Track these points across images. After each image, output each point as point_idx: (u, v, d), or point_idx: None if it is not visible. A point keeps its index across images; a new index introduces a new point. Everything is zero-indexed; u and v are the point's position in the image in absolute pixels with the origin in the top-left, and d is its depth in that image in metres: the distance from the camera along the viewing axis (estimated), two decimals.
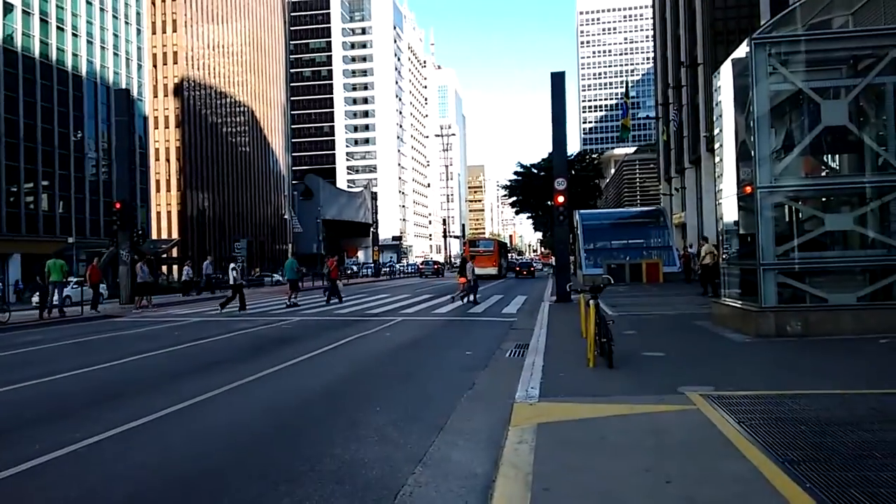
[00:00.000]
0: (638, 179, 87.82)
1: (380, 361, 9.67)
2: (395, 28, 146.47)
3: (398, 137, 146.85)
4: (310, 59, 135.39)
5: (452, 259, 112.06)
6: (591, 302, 7.70)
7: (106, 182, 57.31)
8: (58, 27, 53.51)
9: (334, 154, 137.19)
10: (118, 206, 24.08)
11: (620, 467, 4.08)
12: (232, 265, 21.43)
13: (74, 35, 55.49)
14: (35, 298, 21.74)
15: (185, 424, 5.95)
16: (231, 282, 20.56)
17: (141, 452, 5.05)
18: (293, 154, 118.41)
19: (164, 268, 54.24)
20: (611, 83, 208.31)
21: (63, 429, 5.69)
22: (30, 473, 4.56)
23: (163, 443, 5.34)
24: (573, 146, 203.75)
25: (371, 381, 8.05)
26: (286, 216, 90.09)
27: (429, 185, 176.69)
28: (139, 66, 64.66)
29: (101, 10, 59.12)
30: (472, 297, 19.74)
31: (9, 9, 48.83)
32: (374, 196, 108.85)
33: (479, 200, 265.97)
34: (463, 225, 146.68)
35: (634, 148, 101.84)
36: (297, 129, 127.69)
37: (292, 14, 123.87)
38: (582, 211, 37.49)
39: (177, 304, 24.67)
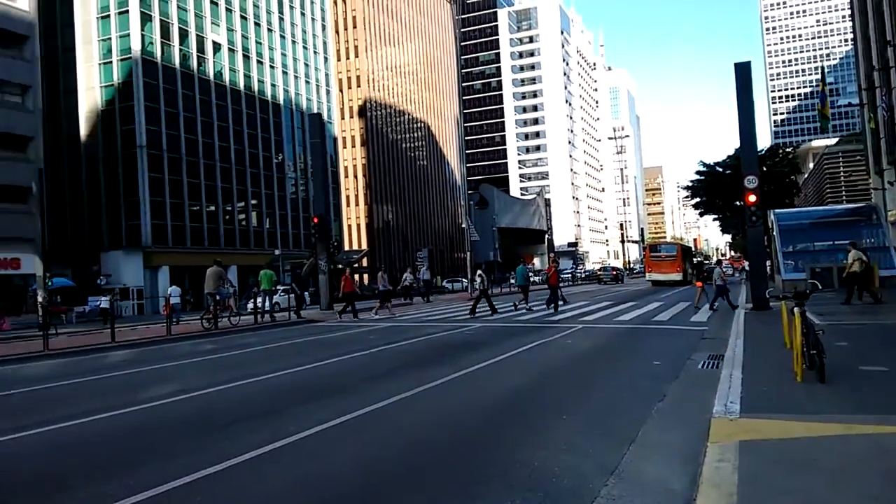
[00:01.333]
0: (842, 173, 78.92)
1: (562, 369, 9.61)
2: (562, 33, 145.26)
3: (569, 143, 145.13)
4: (480, 71, 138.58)
5: (631, 264, 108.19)
6: (797, 310, 7.07)
7: (304, 199, 63.03)
8: (258, 61, 59.92)
9: (506, 163, 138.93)
10: (315, 220, 26.34)
11: (840, 494, 3.69)
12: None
13: (272, 67, 61.80)
14: (250, 305, 24.36)
15: (378, 424, 6.35)
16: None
17: (341, 448, 5.49)
18: (467, 165, 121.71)
19: (356, 277, 58.47)
20: (803, 70, 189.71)
21: (277, 423, 6.34)
22: (259, 460, 5.11)
23: (360, 440, 5.74)
24: (763, 141, 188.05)
25: (554, 389, 8.03)
26: (463, 225, 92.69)
27: (603, 190, 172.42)
28: (328, 92, 70.36)
29: (293, 42, 65.24)
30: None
31: (217, 48, 55.59)
32: (547, 203, 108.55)
33: (658, 203, 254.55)
34: (641, 229, 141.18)
35: (836, 139, 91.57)
36: (470, 141, 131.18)
37: (462, 30, 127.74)
38: (778, 210, 34.40)
39: (369, 309, 26.38)
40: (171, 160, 50.11)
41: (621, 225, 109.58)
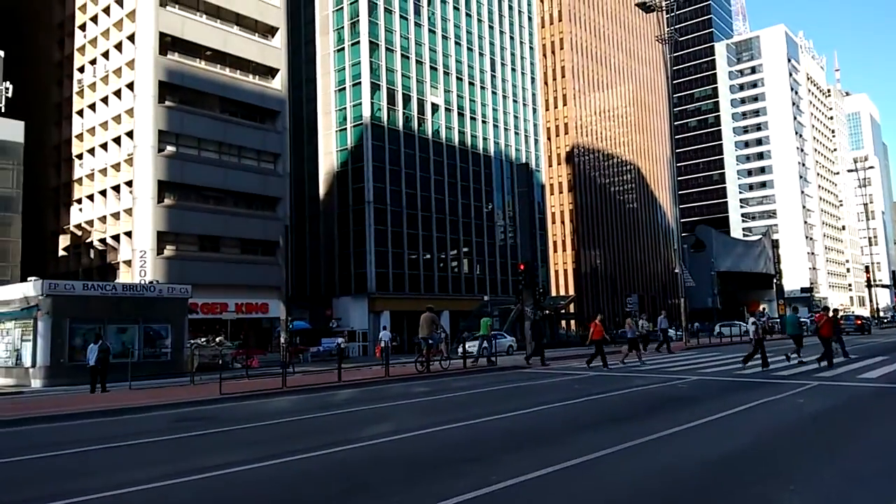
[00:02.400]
0: None
1: (791, 433, 8.56)
2: (789, 61, 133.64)
3: (801, 177, 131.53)
4: (695, 108, 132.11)
5: (881, 312, 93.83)
6: None
7: (512, 246, 64.44)
8: (471, 117, 63.25)
9: (725, 202, 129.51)
10: (522, 266, 26.76)
11: None
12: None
13: (484, 122, 64.83)
14: (460, 349, 25.21)
15: (580, 479, 6.14)
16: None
17: (541, 500, 5.40)
18: (681, 206, 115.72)
19: (563, 323, 58.10)
20: None
21: (481, 469, 6.43)
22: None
23: (562, 492, 5.60)
24: None
25: (780, 455, 7.17)
26: (676, 270, 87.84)
27: (843, 228, 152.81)
28: (536, 141, 71.90)
29: (504, 97, 67.94)
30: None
31: (435, 108, 59.74)
32: (774, 244, 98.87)
33: None
34: (893, 272, 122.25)
35: None
36: (684, 181, 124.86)
37: (675, 68, 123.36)
38: None
39: (574, 357, 25.95)
40: (394, 213, 54.44)
41: (867, 268, 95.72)
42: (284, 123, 47.26)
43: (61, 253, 47.08)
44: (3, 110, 37.56)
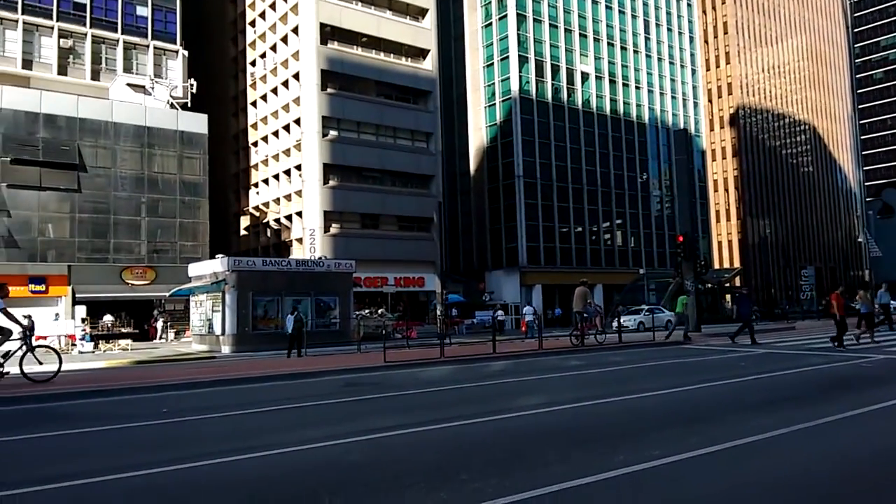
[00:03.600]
0: None
1: None
2: None
3: None
4: (880, 58, 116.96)
5: None
6: None
7: (669, 216, 61.60)
8: (623, 84, 60.82)
9: None
10: (680, 238, 25.58)
11: None
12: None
13: (637, 88, 62.07)
14: (615, 324, 24.78)
15: (747, 460, 5.93)
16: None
17: (706, 478, 5.30)
18: (865, 168, 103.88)
19: (728, 297, 54.68)
20: None
21: (638, 445, 6.42)
22: (619, 480, 5.29)
23: (728, 472, 5.46)
24: None
25: None
26: (860, 239, 79.20)
27: None
28: (695, 104, 67.66)
29: (659, 59, 64.50)
30: None
31: (585, 77, 58.10)
32: None
33: None
34: None
35: None
36: (867, 140, 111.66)
37: (855, 14, 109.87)
38: None
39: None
40: (544, 187, 54.06)
41: None
42: (435, 103, 48.43)
43: (243, 232, 52.08)
44: (189, 105, 41.91)
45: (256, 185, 50.07)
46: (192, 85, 42.32)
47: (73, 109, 35.86)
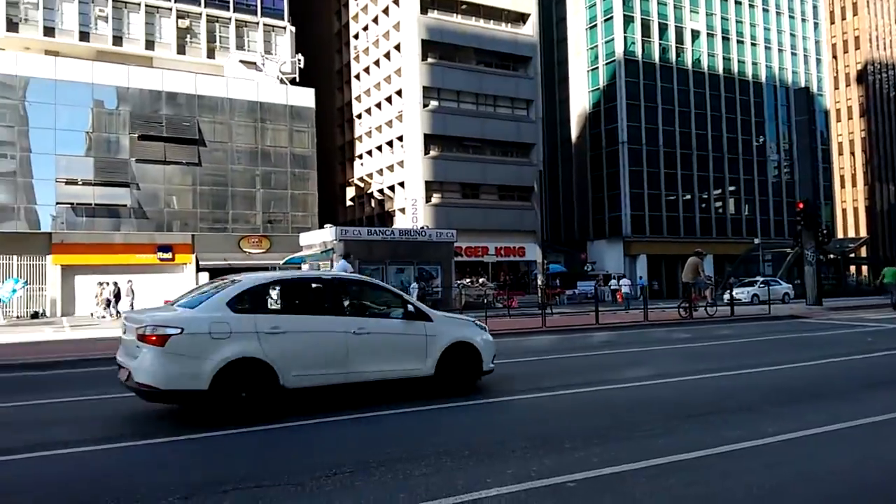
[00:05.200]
0: None
1: None
2: None
3: None
4: None
5: None
6: None
7: (788, 183, 57.77)
8: (737, 41, 57.06)
9: None
10: (800, 205, 24.05)
11: None
12: None
13: (753, 45, 58.06)
14: (726, 296, 23.74)
15: (877, 438, 5.60)
16: None
17: (829, 456, 5.07)
18: None
19: (853, 269, 50.87)
20: None
21: (753, 420, 6.20)
22: (734, 454, 5.15)
23: (854, 451, 5.19)
24: None
25: None
26: None
27: None
28: (818, 61, 62.53)
29: (778, 13, 59.91)
30: None
31: (695, 35, 54.97)
32: None
33: None
34: None
35: None
36: None
37: None
38: None
39: (866, 307, 22.82)
40: (649, 153, 52.05)
41: None
42: (536, 69, 47.51)
43: (348, 202, 53.78)
44: (297, 80, 43.41)
45: (361, 156, 51.38)
46: (299, 60, 43.73)
47: (192, 87, 38.04)
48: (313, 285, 7.83)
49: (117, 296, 28.24)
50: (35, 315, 32.51)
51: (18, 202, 33.84)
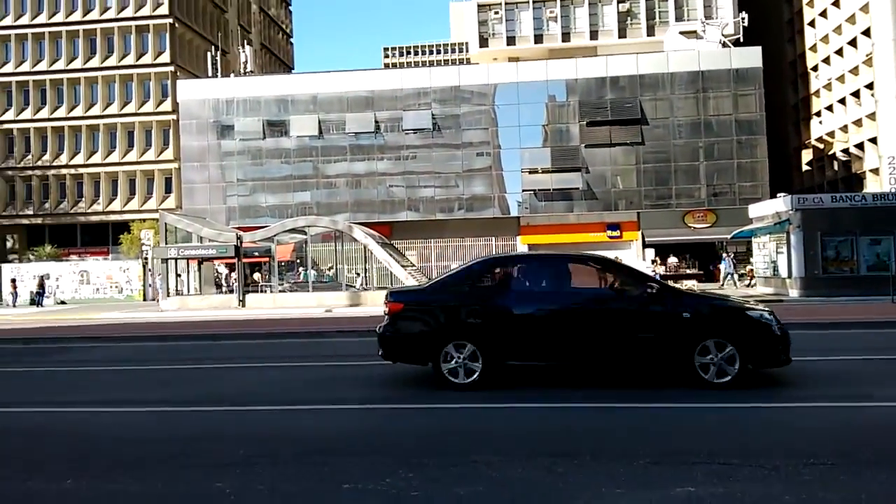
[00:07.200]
0: None
1: None
2: None
3: None
4: None
5: None
6: None
7: None
8: None
9: None
10: None
11: None
12: None
13: None
14: None
15: None
16: None
17: None
18: None
19: None
20: None
21: None
22: None
23: None
24: None
25: None
26: None
27: None
28: None
29: None
30: None
31: None
32: None
33: None
34: None
35: None
36: None
37: None
38: None
39: None
40: None
41: None
42: None
43: (804, 167, 48.11)
44: (741, 40, 40.50)
45: (818, 113, 45.20)
46: (742, 19, 40.78)
47: (633, 68, 39.01)
48: None
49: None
50: None
51: (494, 192, 40.10)
